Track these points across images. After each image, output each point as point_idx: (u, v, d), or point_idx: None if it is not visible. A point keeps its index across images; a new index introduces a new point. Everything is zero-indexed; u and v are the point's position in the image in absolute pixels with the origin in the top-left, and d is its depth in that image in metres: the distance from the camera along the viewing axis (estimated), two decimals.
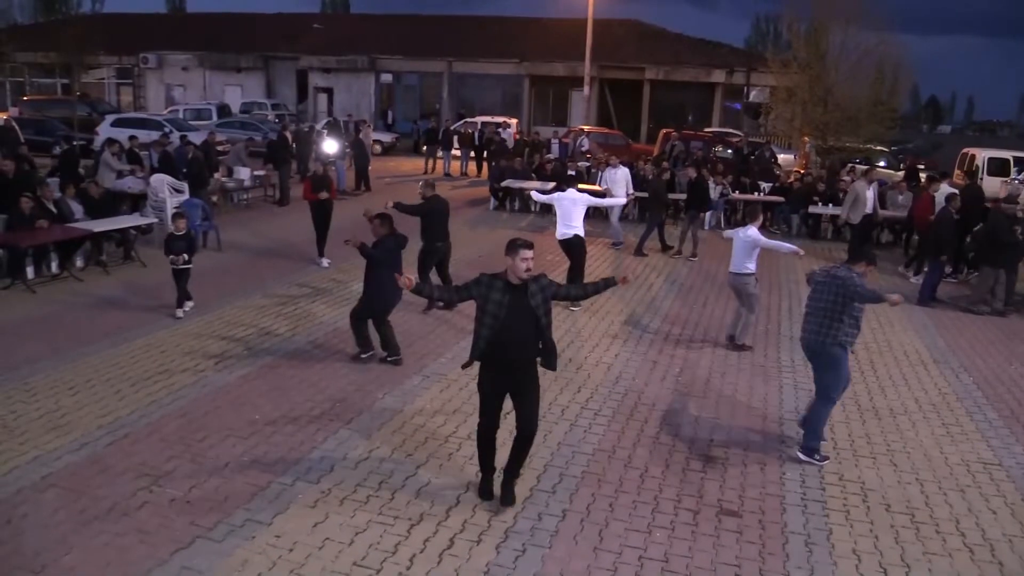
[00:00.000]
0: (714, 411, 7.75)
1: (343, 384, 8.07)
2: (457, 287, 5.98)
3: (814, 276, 6.90)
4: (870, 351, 9.78)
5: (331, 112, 38.21)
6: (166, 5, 68.15)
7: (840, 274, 6.61)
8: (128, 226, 12.98)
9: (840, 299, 6.53)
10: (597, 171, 20.03)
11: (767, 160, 22.59)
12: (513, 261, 5.50)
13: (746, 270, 9.78)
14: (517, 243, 5.52)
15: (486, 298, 5.54)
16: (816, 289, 6.76)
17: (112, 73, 41.01)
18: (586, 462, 6.58)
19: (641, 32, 39.31)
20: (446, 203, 10.87)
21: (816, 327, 6.68)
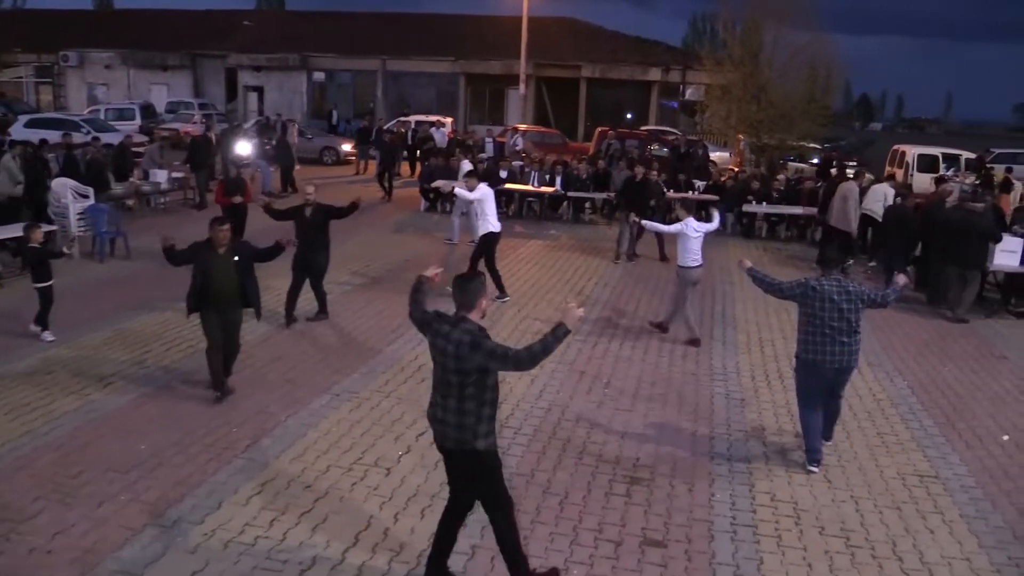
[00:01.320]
0: (642, 426, 7.31)
1: (246, 406, 7.41)
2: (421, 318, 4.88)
3: (819, 294, 6.34)
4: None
5: (261, 111, 37.03)
6: (93, 2, 65.65)
7: (852, 288, 6.43)
8: (18, 236, 11.94)
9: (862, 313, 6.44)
10: (530, 170, 19.61)
11: (701, 158, 22.43)
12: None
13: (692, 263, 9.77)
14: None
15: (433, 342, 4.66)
16: (838, 308, 6.29)
17: (30, 72, 39.06)
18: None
19: (577, 30, 39.05)
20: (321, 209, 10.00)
21: (855, 347, 6.43)
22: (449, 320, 4.62)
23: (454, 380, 4.51)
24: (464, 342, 4.42)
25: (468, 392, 4.50)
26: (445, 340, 4.53)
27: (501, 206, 19.09)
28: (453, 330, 4.51)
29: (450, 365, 4.52)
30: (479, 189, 11.06)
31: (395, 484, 6.10)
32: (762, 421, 7.50)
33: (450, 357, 4.49)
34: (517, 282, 12.48)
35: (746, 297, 12.09)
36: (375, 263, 13.42)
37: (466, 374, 4.46)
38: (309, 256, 9.78)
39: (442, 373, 4.61)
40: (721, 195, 18.05)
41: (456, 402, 4.54)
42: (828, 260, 6.66)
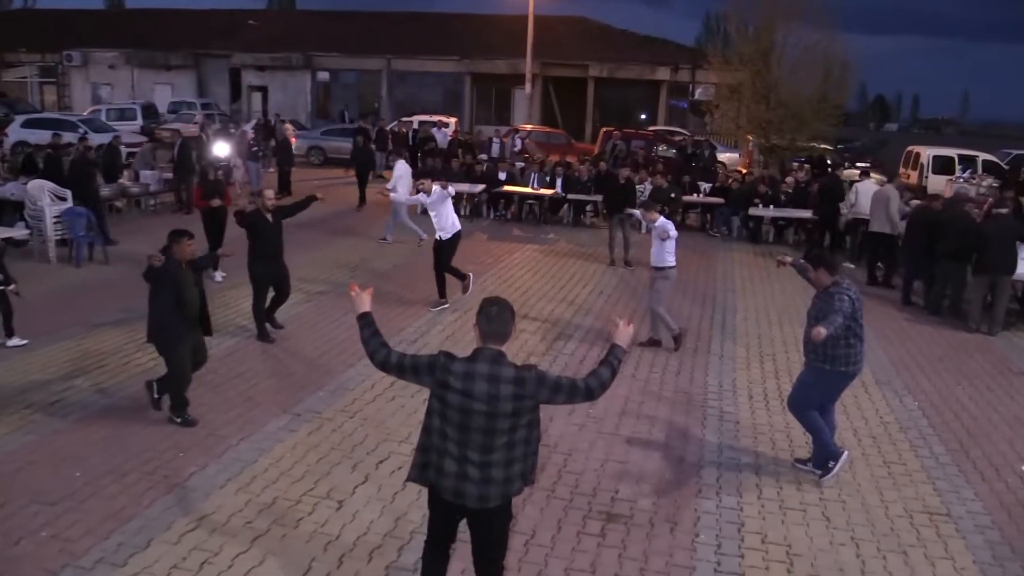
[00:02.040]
0: (625, 452, 6.70)
1: (197, 428, 6.86)
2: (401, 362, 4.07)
3: (857, 300, 6.03)
4: None
5: (265, 112, 36.63)
6: (104, 1, 65.66)
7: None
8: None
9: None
10: (530, 172, 19.02)
11: (708, 159, 21.77)
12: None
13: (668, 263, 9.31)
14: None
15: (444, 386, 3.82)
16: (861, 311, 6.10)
17: (35, 71, 38.83)
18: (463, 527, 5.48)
19: (585, 29, 38.44)
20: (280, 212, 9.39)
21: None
22: (473, 359, 3.80)
23: (503, 427, 3.75)
24: (514, 380, 3.74)
25: (519, 437, 3.84)
26: (473, 383, 3.72)
27: (500, 208, 18.60)
28: (489, 369, 3.74)
29: (498, 410, 3.72)
30: (433, 192, 10.58)
31: (346, 519, 5.53)
32: (757, 447, 6.88)
33: (493, 401, 3.70)
34: (507, 289, 11.89)
35: (747, 307, 11.46)
36: (363, 266, 12.89)
37: (519, 416, 3.78)
38: (276, 264, 9.21)
39: (474, 422, 3.76)
40: (727, 198, 17.42)
41: (503, 454, 3.80)
42: (835, 263, 6.11)
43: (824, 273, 6.04)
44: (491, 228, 17.26)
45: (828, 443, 6.19)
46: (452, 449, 3.84)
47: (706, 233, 17.55)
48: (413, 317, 10.24)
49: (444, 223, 10.55)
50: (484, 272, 12.82)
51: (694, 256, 14.85)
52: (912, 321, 11.10)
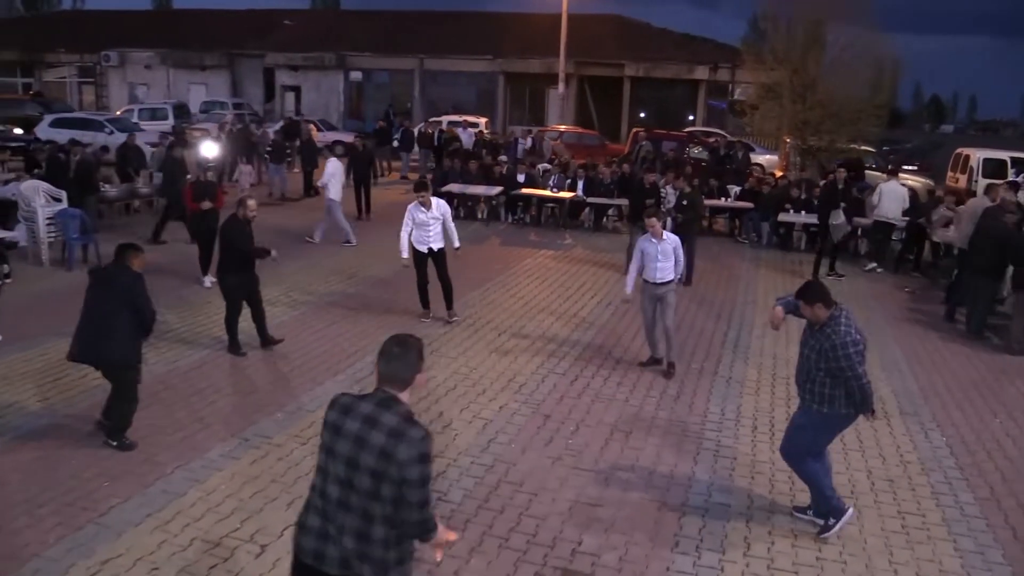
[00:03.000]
0: (599, 492, 5.93)
1: (136, 451, 6.28)
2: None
3: (857, 328, 5.21)
4: None
5: (298, 111, 36.47)
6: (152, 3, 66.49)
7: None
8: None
9: None
10: (551, 174, 18.27)
11: (741, 161, 20.75)
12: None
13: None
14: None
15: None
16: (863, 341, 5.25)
17: (73, 72, 39.28)
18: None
19: (622, 27, 37.49)
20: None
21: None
22: (362, 397, 3.26)
23: (362, 485, 3.11)
24: (392, 432, 3.08)
25: (378, 511, 3.12)
26: (347, 419, 3.18)
27: (518, 212, 17.86)
28: (371, 410, 3.16)
29: (360, 460, 3.11)
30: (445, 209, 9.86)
31: (263, 569, 4.88)
32: (752, 489, 6.05)
33: (359, 445, 3.11)
34: (510, 299, 11.19)
35: (766, 321, 10.54)
36: (361, 275, 12.28)
37: (380, 482, 3.08)
38: (248, 276, 8.61)
39: (334, 468, 3.19)
40: (757, 202, 16.44)
41: (359, 521, 3.15)
42: (827, 294, 5.21)
43: (821, 308, 5.15)
44: (507, 232, 16.56)
45: (830, 496, 5.34)
46: (316, 501, 3.28)
47: (734, 239, 16.61)
48: (397, 330, 9.51)
49: (444, 234, 9.80)
50: (489, 280, 12.14)
51: (716, 264, 13.96)
52: (948, 340, 10.08)
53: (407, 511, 3.12)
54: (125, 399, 6.40)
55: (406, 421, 3.11)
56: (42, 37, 39.58)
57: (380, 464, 3.06)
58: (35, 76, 39.14)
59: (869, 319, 10.89)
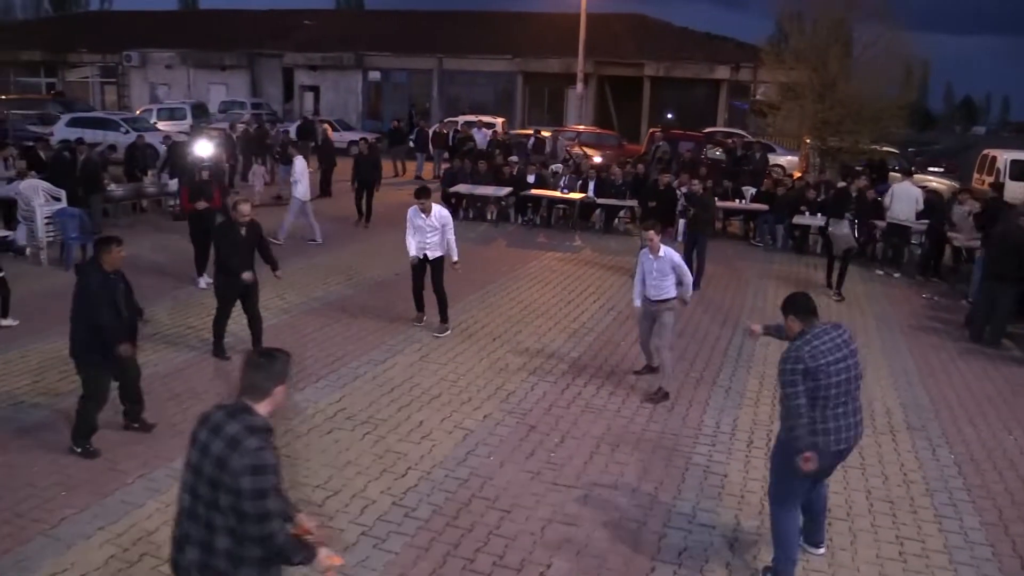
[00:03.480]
0: (576, 511, 5.61)
1: (100, 459, 6.07)
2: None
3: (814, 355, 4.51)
4: None
5: (317, 111, 36.43)
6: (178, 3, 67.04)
7: (844, 331, 4.78)
8: None
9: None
10: (563, 175, 17.94)
11: (759, 162, 20.22)
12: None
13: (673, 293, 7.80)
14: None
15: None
16: (841, 363, 4.55)
17: (96, 72, 39.56)
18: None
19: (642, 27, 36.98)
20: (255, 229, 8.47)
21: (858, 416, 4.75)
22: (221, 406, 3.25)
23: (204, 495, 3.09)
24: (230, 441, 3.05)
25: (220, 522, 3.06)
26: (201, 429, 3.19)
27: (528, 213, 17.54)
28: (222, 418, 3.15)
29: (203, 468, 3.09)
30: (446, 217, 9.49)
31: None
32: (740, 509, 5.69)
33: (203, 453, 3.10)
34: (508, 303, 10.89)
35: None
36: (360, 275, 12.06)
37: (217, 491, 3.04)
38: (240, 280, 8.38)
39: (187, 475, 3.20)
40: (772, 204, 15.98)
41: (202, 532, 3.11)
42: (804, 308, 4.76)
43: (793, 321, 4.74)
44: (515, 234, 16.25)
45: (789, 557, 4.75)
46: (177, 510, 3.27)
47: (748, 242, 16.16)
48: (388, 335, 9.31)
49: (440, 243, 9.45)
50: (491, 283, 11.85)
51: (727, 268, 13.56)
52: (964, 351, 9.61)
53: (246, 524, 3.01)
54: (82, 397, 6.22)
55: (247, 430, 3.06)
56: (65, 38, 39.92)
57: (216, 473, 3.02)
58: (58, 76, 39.49)
59: (882, 326, 10.47)
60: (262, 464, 3.00)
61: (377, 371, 8.12)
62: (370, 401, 7.35)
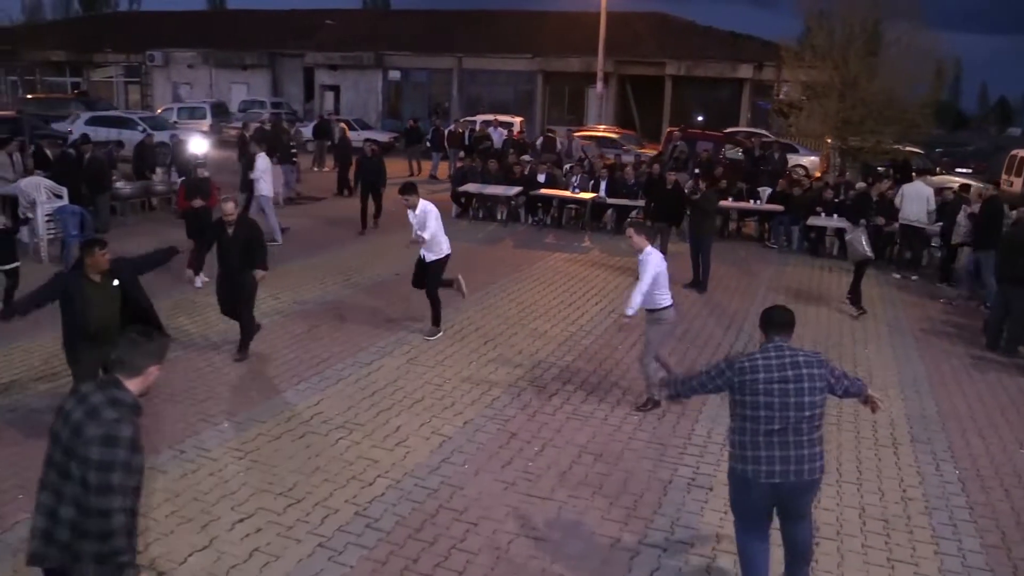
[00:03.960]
0: (547, 525, 5.32)
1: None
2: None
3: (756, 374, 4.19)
4: (828, 419, 7.17)
5: (337, 110, 36.44)
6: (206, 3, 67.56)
7: (811, 355, 4.28)
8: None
9: (823, 392, 4.25)
10: (573, 174, 17.62)
11: (778, 162, 19.76)
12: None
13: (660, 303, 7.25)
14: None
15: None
16: (783, 386, 4.13)
17: (120, 71, 39.93)
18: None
19: (665, 25, 36.48)
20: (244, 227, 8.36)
21: (808, 451, 4.16)
22: (96, 383, 3.29)
23: (58, 460, 3.12)
24: (90, 412, 3.06)
25: (68, 491, 3.06)
26: (70, 404, 3.17)
27: (538, 213, 17.25)
28: (91, 391, 3.18)
29: (67, 442, 3.08)
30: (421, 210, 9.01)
31: None
32: (721, 528, 5.36)
33: (74, 432, 3.06)
34: (508, 304, 10.62)
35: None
36: (359, 276, 11.85)
37: (71, 461, 3.04)
38: (229, 283, 8.19)
39: (51, 449, 3.18)
40: (787, 205, 15.54)
41: (72, 511, 3.07)
42: (770, 318, 4.43)
43: (761, 332, 4.41)
44: (524, 234, 15.97)
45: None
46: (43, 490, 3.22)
47: (763, 244, 15.74)
48: (378, 337, 9.08)
49: (431, 244, 9.05)
50: (492, 283, 11.59)
51: (738, 270, 13.19)
52: (979, 359, 9.17)
53: (90, 495, 2.98)
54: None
55: (109, 402, 3.07)
56: (91, 38, 40.36)
57: (71, 440, 3.03)
58: (83, 76, 39.92)
59: (894, 332, 10.05)
60: (115, 436, 2.98)
61: (361, 374, 7.89)
62: (349, 405, 7.12)
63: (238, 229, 8.22)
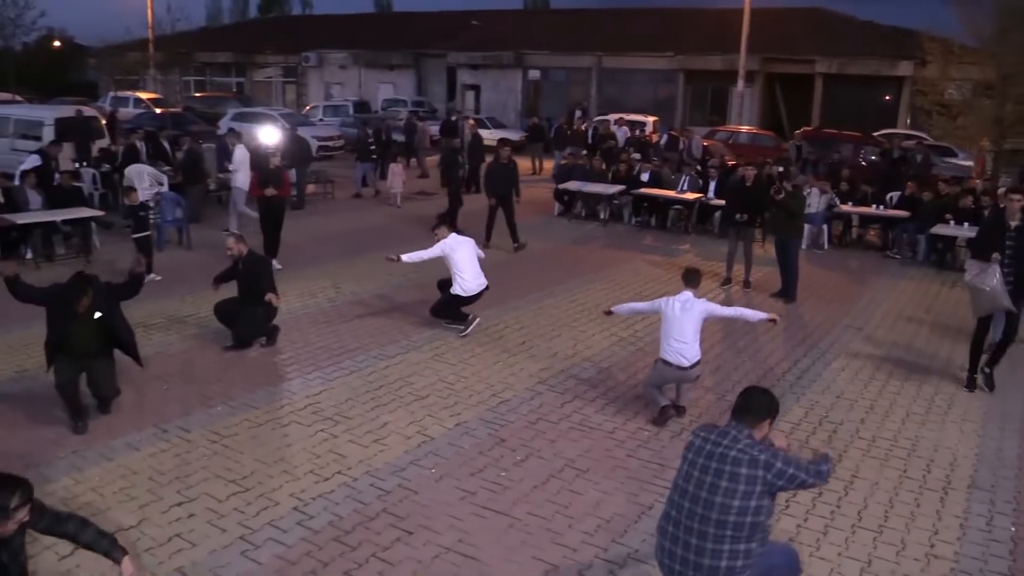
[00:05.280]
0: (489, 543, 4.84)
1: (47, 430, 6.06)
2: None
3: (692, 450, 3.71)
4: (875, 451, 6.21)
5: (478, 110, 36.94)
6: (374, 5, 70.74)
7: (751, 452, 3.52)
8: (59, 220, 11.74)
9: (759, 497, 3.48)
10: (681, 175, 16.71)
11: (919, 166, 17.85)
12: None
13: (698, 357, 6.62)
14: None
15: None
16: (700, 474, 3.57)
17: (279, 72, 42.43)
18: None
19: (819, 21, 34.18)
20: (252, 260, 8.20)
21: (709, 562, 3.50)
22: None
23: None
24: None
25: None
26: None
27: (641, 213, 16.50)
28: None
29: None
30: (441, 244, 8.68)
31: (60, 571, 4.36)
32: None
33: None
34: (566, 305, 10.10)
35: (860, 354, 8.66)
36: (428, 272, 11.63)
37: None
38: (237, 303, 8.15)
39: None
40: (915, 211, 13.96)
41: None
42: (738, 404, 3.80)
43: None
44: (621, 235, 15.29)
45: None
46: None
47: (884, 253, 14.20)
48: (414, 331, 8.85)
49: (459, 278, 8.64)
50: (560, 284, 11.08)
51: (845, 280, 12.04)
52: None
53: None
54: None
55: None
56: (254, 40, 43.22)
57: None
58: (246, 76, 42.75)
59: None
60: None
61: (378, 367, 7.68)
62: (348, 397, 6.92)
63: (246, 263, 8.10)
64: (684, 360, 6.42)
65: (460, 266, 8.62)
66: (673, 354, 6.45)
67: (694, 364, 6.49)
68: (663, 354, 6.53)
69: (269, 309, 8.06)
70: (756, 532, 3.49)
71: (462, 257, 8.64)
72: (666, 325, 6.55)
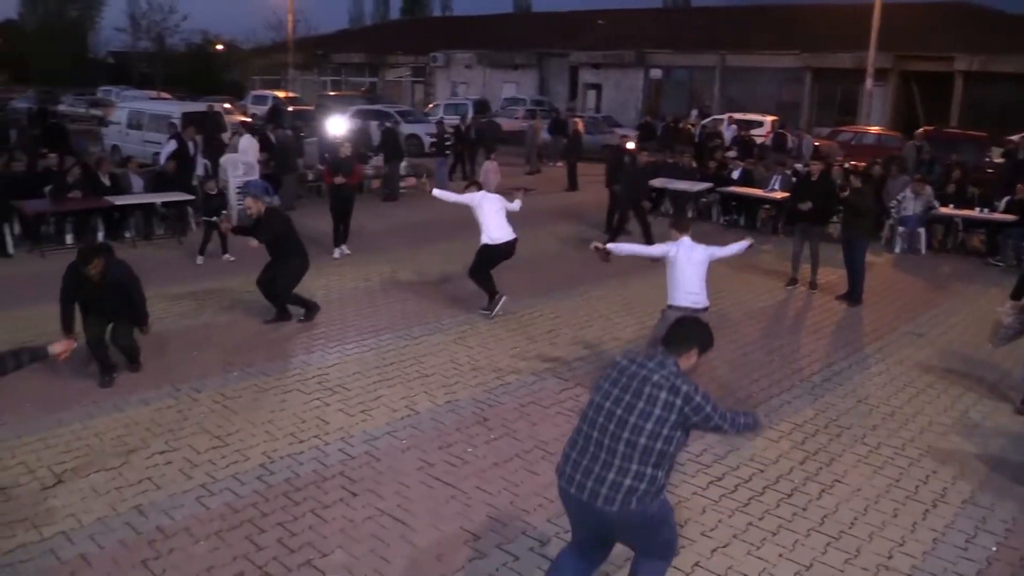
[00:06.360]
0: (419, 512, 4.96)
1: (72, 382, 6.70)
2: None
3: (609, 377, 3.67)
4: (872, 459, 5.85)
5: (598, 109, 36.93)
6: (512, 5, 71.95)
7: (673, 379, 3.50)
8: (150, 201, 12.77)
9: (672, 426, 3.46)
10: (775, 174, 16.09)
11: None
12: None
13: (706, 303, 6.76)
14: None
15: None
16: (617, 394, 3.55)
17: (408, 71, 43.99)
18: None
19: (962, 15, 31.80)
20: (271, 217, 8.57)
21: (614, 476, 3.46)
22: None
23: None
24: None
25: None
26: None
27: (730, 212, 16.03)
28: None
29: None
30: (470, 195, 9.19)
31: (39, 500, 4.85)
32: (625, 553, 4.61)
33: None
34: (612, 297, 10.10)
35: (910, 359, 8.13)
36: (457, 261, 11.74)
37: None
38: (273, 267, 8.56)
39: None
40: (1022, 215, 12.84)
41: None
42: (667, 335, 3.79)
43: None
44: (706, 232, 14.60)
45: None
46: None
47: (986, 260, 13.12)
48: (448, 314, 9.09)
49: (486, 228, 8.97)
50: (614, 278, 10.97)
51: (929, 286, 11.36)
52: None
53: None
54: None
55: None
56: (386, 41, 45.08)
57: None
58: (378, 76, 44.62)
59: None
60: None
61: (398, 345, 7.96)
62: (356, 371, 7.23)
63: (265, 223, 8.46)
64: (697, 305, 6.57)
65: (486, 218, 8.92)
66: (685, 300, 6.59)
67: (703, 309, 6.58)
68: (673, 300, 6.67)
69: (302, 261, 8.46)
70: (663, 461, 3.46)
71: (488, 210, 8.95)
72: (675, 273, 6.70)
